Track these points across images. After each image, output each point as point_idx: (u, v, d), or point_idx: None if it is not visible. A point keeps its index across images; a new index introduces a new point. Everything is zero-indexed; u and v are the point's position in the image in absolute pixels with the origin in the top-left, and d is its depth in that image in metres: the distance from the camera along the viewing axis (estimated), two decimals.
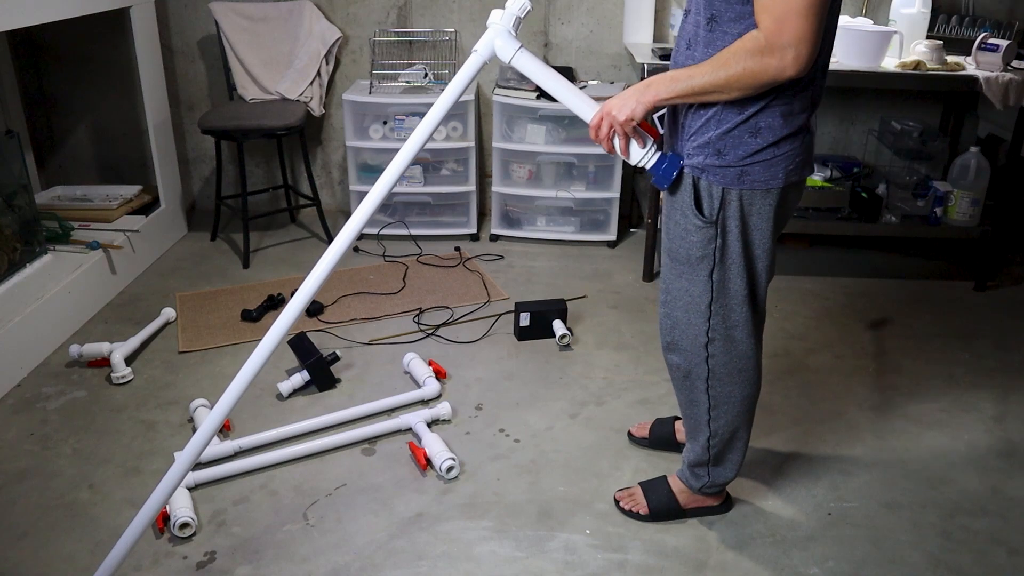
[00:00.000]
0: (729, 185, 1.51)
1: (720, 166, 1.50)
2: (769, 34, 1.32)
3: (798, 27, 1.29)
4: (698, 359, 1.69)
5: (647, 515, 1.89)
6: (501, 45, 1.54)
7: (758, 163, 1.49)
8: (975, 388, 2.47)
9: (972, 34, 3.12)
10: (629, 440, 2.18)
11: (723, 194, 1.52)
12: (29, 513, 1.91)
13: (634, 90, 1.49)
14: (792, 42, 1.30)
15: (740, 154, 1.48)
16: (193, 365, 2.54)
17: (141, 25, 3.18)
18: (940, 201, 3.09)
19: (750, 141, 1.47)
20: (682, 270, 1.62)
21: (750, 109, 1.45)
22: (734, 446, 1.80)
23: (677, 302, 1.67)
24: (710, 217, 1.54)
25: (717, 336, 1.65)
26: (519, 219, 3.53)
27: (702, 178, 1.53)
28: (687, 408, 1.79)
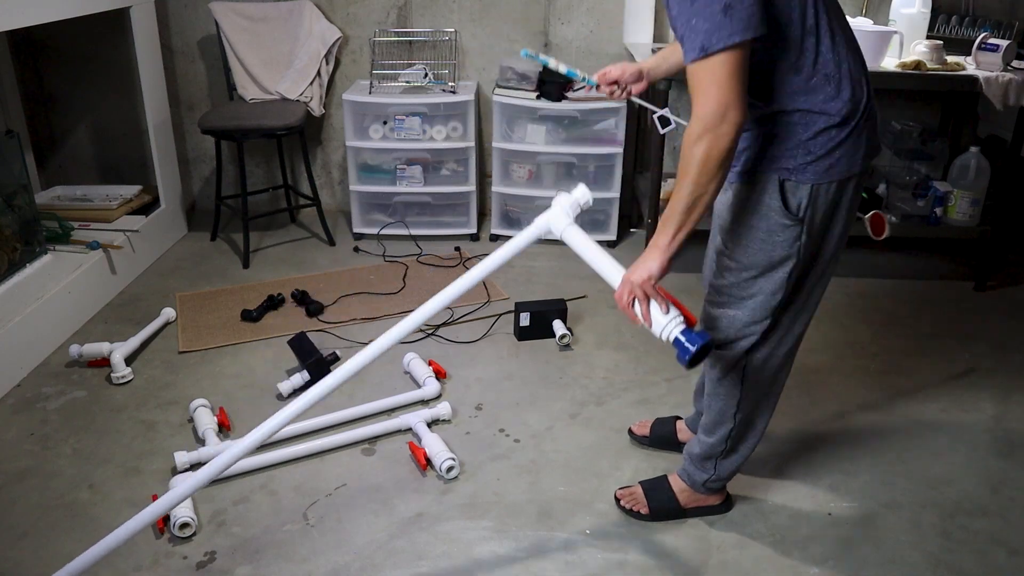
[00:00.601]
0: (819, 180, 1.49)
1: (810, 163, 1.48)
2: (697, 113, 1.37)
3: (720, 95, 1.34)
4: (742, 351, 1.67)
5: (647, 514, 1.89)
6: (557, 223, 1.79)
7: (844, 152, 1.48)
8: (975, 388, 2.47)
9: (972, 34, 3.11)
10: (630, 438, 2.18)
11: (812, 191, 1.49)
12: (29, 513, 1.91)
13: (646, 254, 1.54)
14: (718, 110, 1.34)
15: (830, 146, 1.47)
16: (193, 365, 2.54)
17: (141, 25, 3.18)
18: (940, 201, 3.09)
19: (835, 133, 1.47)
20: (756, 273, 1.58)
21: (832, 104, 1.45)
22: (748, 439, 1.81)
23: (745, 303, 1.62)
24: (798, 214, 1.51)
25: (774, 329, 1.64)
26: (519, 219, 3.53)
27: (790, 179, 1.50)
28: (715, 400, 1.77)
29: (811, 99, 1.45)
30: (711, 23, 1.30)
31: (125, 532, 1.55)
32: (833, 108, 1.45)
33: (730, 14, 1.29)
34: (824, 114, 1.46)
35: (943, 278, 3.23)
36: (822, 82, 1.45)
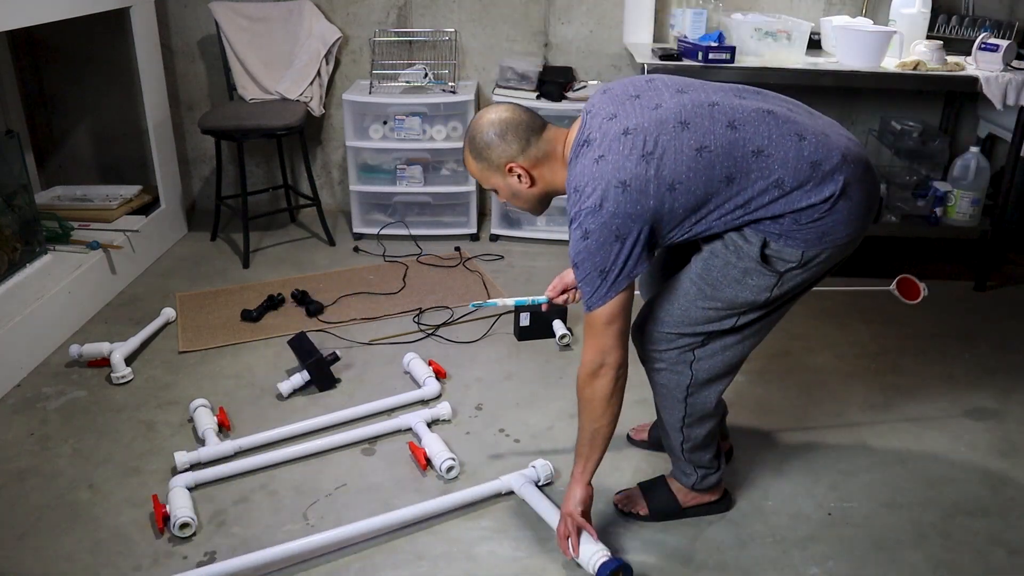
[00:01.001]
0: (808, 248, 1.51)
1: (798, 230, 1.50)
2: (584, 360, 1.56)
3: (596, 344, 1.54)
4: (681, 364, 1.68)
5: (647, 515, 1.89)
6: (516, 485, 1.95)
7: (839, 221, 1.49)
8: (975, 388, 2.47)
9: (972, 34, 3.12)
10: (628, 442, 2.18)
11: (802, 256, 1.51)
12: (29, 513, 1.91)
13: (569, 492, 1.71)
14: (597, 358, 1.54)
15: (815, 217, 1.48)
16: (193, 365, 2.54)
17: (141, 25, 3.18)
18: (940, 201, 3.09)
19: (822, 207, 1.48)
20: (716, 305, 1.59)
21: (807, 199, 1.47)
22: (707, 447, 1.81)
23: (687, 324, 1.63)
24: (779, 270, 1.54)
25: (711, 348, 1.66)
26: (519, 219, 3.53)
27: (775, 241, 1.51)
28: (662, 411, 1.79)
29: (775, 210, 1.48)
30: (591, 287, 1.50)
31: None
32: (805, 203, 1.47)
33: (605, 278, 1.48)
34: (800, 210, 1.48)
35: (943, 278, 3.23)
36: (780, 196, 1.47)
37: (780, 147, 1.47)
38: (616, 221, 1.45)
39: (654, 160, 1.45)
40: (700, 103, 1.50)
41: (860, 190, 1.51)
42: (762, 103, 1.53)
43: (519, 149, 1.61)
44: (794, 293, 1.61)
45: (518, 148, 1.61)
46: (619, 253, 1.46)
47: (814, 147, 1.48)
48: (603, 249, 1.46)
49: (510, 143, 1.61)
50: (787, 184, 1.47)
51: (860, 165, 1.52)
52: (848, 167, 1.49)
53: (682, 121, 1.48)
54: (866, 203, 1.53)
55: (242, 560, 1.69)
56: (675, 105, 1.50)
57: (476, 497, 1.92)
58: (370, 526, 1.81)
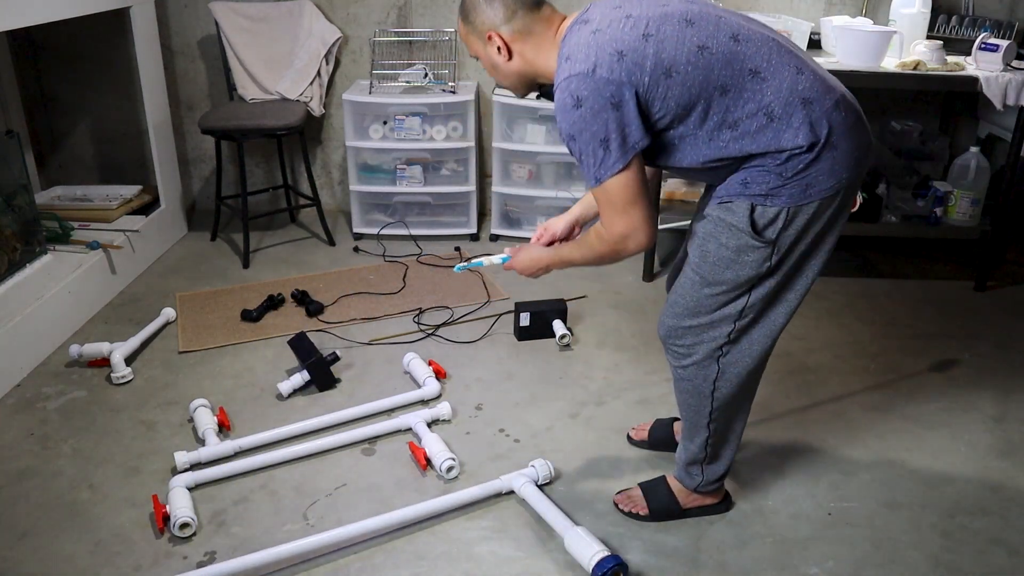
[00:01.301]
0: (795, 203, 1.48)
1: (782, 185, 1.48)
2: (606, 232, 1.53)
3: (625, 224, 1.50)
4: (709, 360, 1.67)
5: (647, 516, 1.89)
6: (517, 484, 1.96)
7: (822, 171, 1.47)
8: (975, 388, 2.47)
9: (972, 34, 3.12)
10: (629, 443, 2.18)
11: (788, 213, 1.49)
12: (29, 513, 1.91)
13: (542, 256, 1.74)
14: (625, 235, 1.51)
15: (799, 167, 1.46)
16: (193, 365, 2.54)
17: (141, 25, 3.18)
18: (940, 201, 3.09)
19: (805, 156, 1.46)
20: (723, 289, 1.58)
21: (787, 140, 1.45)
22: (729, 443, 1.82)
23: (703, 314, 1.62)
24: (770, 237, 1.51)
25: (737, 337, 1.64)
26: (519, 219, 3.53)
27: (762, 203, 1.50)
28: (687, 411, 1.77)
29: (761, 142, 1.46)
30: (595, 159, 1.44)
31: None
32: (789, 143, 1.45)
33: (607, 147, 1.43)
34: (781, 151, 1.46)
35: (943, 278, 3.23)
36: (767, 125, 1.45)
37: (777, 74, 1.45)
38: (610, 88, 1.40)
39: (654, 41, 1.42)
40: (707, 13, 1.48)
41: (848, 140, 1.48)
42: (768, 32, 1.52)
43: (503, 18, 1.56)
44: (797, 259, 1.57)
45: (503, 17, 1.56)
46: (618, 120, 1.41)
47: (810, 84, 1.46)
48: (599, 116, 1.41)
49: (496, 10, 1.56)
50: (775, 113, 1.44)
51: (852, 114, 1.50)
52: (839, 114, 1.47)
53: (687, 20, 1.45)
54: (854, 154, 1.50)
55: (242, 561, 1.69)
56: (682, 7, 1.48)
57: (476, 497, 1.92)
58: (370, 526, 1.81)
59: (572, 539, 1.75)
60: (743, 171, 1.51)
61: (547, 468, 1.99)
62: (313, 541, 1.75)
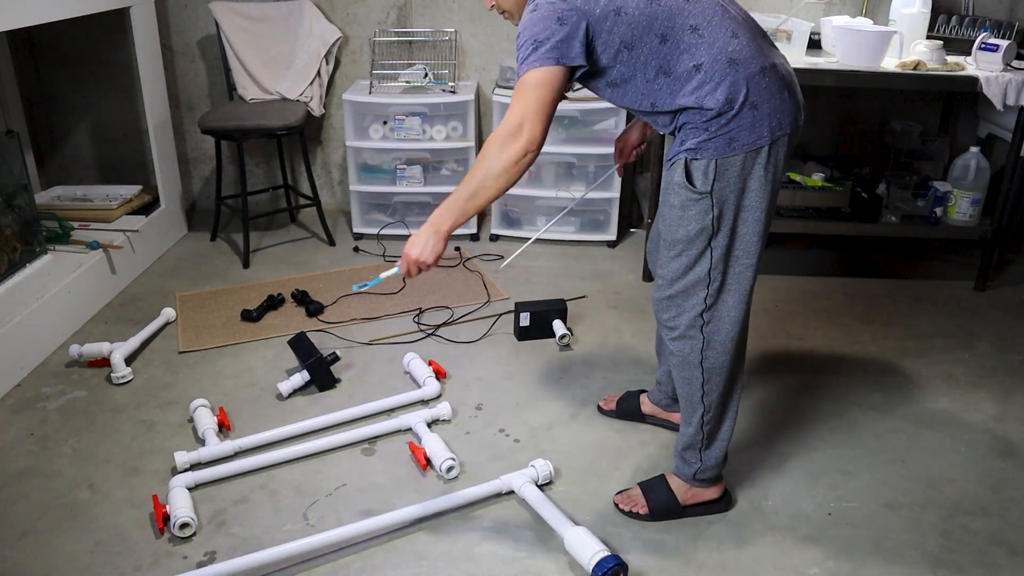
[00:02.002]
0: (721, 155, 1.60)
1: (709, 139, 1.60)
2: (504, 121, 1.59)
3: (520, 107, 1.57)
4: (694, 329, 1.74)
5: (648, 515, 1.89)
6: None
7: (743, 127, 1.58)
8: (975, 388, 2.47)
9: (972, 34, 3.11)
10: (599, 412, 2.26)
11: (716, 165, 1.61)
12: (29, 513, 1.91)
13: (426, 231, 1.68)
14: (516, 121, 1.57)
15: (723, 123, 1.59)
16: (193, 365, 2.54)
17: (141, 25, 3.18)
18: (940, 201, 3.09)
19: (728, 115, 1.58)
20: (680, 248, 1.69)
21: (710, 99, 1.58)
22: (725, 422, 1.85)
23: (677, 281, 1.72)
24: (704, 189, 1.62)
25: (712, 302, 1.72)
26: (519, 219, 3.53)
27: (693, 157, 1.62)
28: (682, 388, 1.83)
29: (689, 97, 1.60)
30: (523, 54, 1.59)
31: None
32: (712, 102, 1.58)
33: (536, 47, 1.57)
34: (705, 108, 1.59)
35: (943, 278, 3.23)
36: (694, 80, 1.59)
37: (713, 34, 1.58)
38: (564, 7, 1.57)
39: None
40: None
41: (769, 103, 1.60)
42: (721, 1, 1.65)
43: None
44: (736, 211, 1.66)
45: None
46: (555, 32, 1.56)
47: (740, 47, 1.58)
48: (543, 23, 1.57)
49: None
50: (704, 69, 1.57)
51: (777, 81, 1.61)
52: (763, 79, 1.59)
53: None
54: (775, 116, 1.61)
55: (241, 561, 1.69)
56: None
57: (476, 497, 1.92)
58: (368, 527, 1.81)
59: (572, 539, 1.75)
60: (681, 131, 1.65)
61: (547, 468, 1.99)
62: (310, 542, 1.75)
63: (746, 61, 1.58)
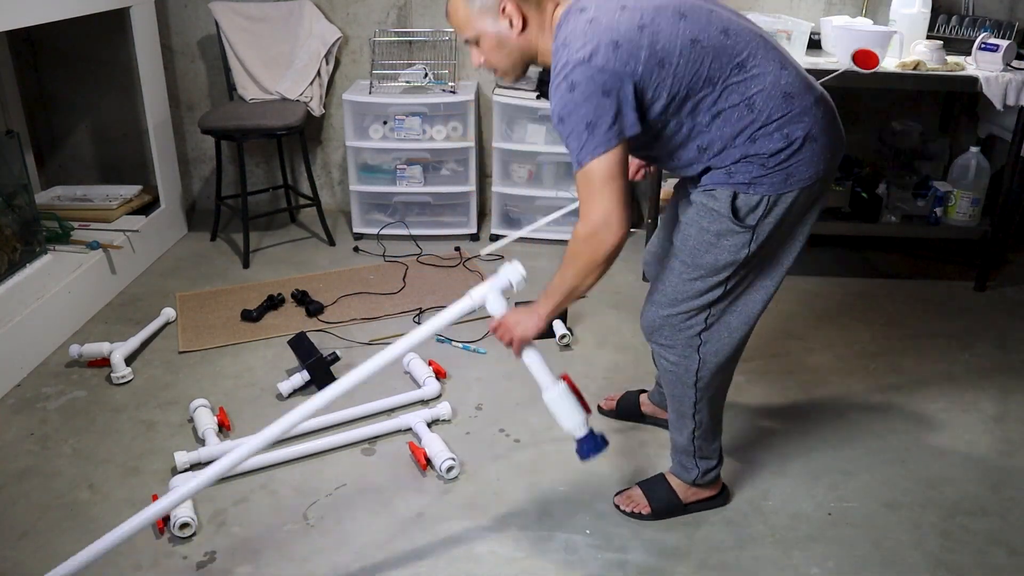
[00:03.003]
0: (777, 191, 1.54)
1: (765, 175, 1.53)
2: (583, 218, 1.51)
3: (601, 207, 1.48)
4: (689, 349, 1.71)
5: (650, 514, 1.90)
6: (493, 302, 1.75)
7: (803, 162, 1.53)
8: (975, 388, 2.47)
9: (972, 34, 3.11)
10: (599, 412, 2.25)
11: (769, 201, 1.54)
12: (29, 513, 1.91)
13: (526, 313, 1.68)
14: (602, 221, 1.48)
15: (782, 159, 1.52)
16: (193, 365, 2.54)
17: (141, 25, 3.18)
18: (940, 201, 3.09)
19: (786, 152, 1.52)
20: (701, 273, 1.64)
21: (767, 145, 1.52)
22: (715, 435, 1.86)
23: (683, 302, 1.68)
24: (750, 223, 1.57)
25: (714, 322, 1.69)
26: (519, 219, 3.53)
27: (744, 191, 1.55)
28: (672, 400, 1.82)
29: (743, 144, 1.52)
30: (579, 141, 1.46)
31: (123, 531, 1.55)
32: (770, 145, 1.51)
33: (593, 131, 1.44)
34: (762, 154, 1.52)
35: (943, 278, 3.23)
36: (746, 120, 1.50)
37: (762, 67, 1.51)
38: (604, 76, 1.43)
39: (648, 32, 1.45)
40: (699, 6, 1.53)
41: (826, 135, 1.56)
42: (754, 28, 1.58)
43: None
44: (774, 248, 1.64)
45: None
46: (607, 107, 1.44)
47: (792, 79, 1.53)
48: (589, 101, 1.44)
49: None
50: (756, 106, 1.50)
51: (829, 113, 1.58)
52: (819, 111, 1.54)
53: (681, 13, 1.49)
54: (831, 147, 1.57)
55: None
56: (675, 0, 1.51)
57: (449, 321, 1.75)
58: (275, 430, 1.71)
59: (555, 400, 1.70)
60: (725, 169, 1.56)
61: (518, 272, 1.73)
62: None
63: (800, 94, 1.52)
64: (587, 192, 1.49)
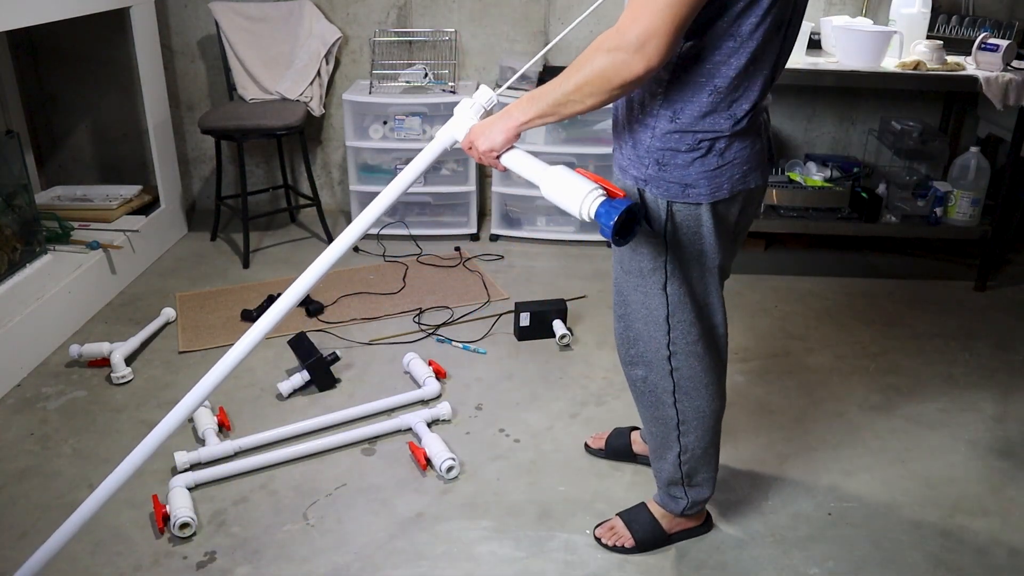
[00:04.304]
0: (673, 198, 1.45)
1: (662, 178, 1.44)
2: (620, 27, 1.27)
3: (650, 21, 1.24)
4: (662, 372, 1.63)
5: (634, 547, 1.81)
6: (460, 129, 1.55)
7: (702, 176, 1.42)
8: (975, 388, 2.47)
9: (972, 34, 3.12)
10: (586, 451, 2.13)
11: (668, 207, 1.46)
12: (29, 513, 1.91)
13: (497, 117, 1.46)
14: (641, 36, 1.24)
15: (680, 164, 1.42)
16: (193, 365, 2.54)
17: (141, 25, 3.18)
18: (940, 201, 3.09)
19: (688, 153, 1.41)
20: (636, 283, 1.57)
21: (682, 117, 1.40)
22: (706, 464, 1.74)
23: (636, 315, 1.61)
24: (658, 230, 1.48)
25: (679, 350, 1.59)
26: (519, 219, 3.53)
27: (646, 190, 1.46)
28: (653, 425, 1.72)
29: (703, 116, 1.39)
30: None
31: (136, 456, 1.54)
32: (723, 125, 1.39)
33: None
34: (703, 132, 1.40)
35: (943, 278, 3.23)
36: (725, 94, 1.38)
37: (770, 53, 1.39)
38: None
39: None
40: None
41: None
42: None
43: None
44: (704, 256, 1.52)
45: None
46: None
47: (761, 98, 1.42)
48: None
49: None
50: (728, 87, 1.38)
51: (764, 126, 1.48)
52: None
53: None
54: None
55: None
56: None
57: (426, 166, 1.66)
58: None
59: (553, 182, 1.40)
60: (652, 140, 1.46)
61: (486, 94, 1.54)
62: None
63: (771, 78, 1.43)
64: (641, 4, 1.25)
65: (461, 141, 1.54)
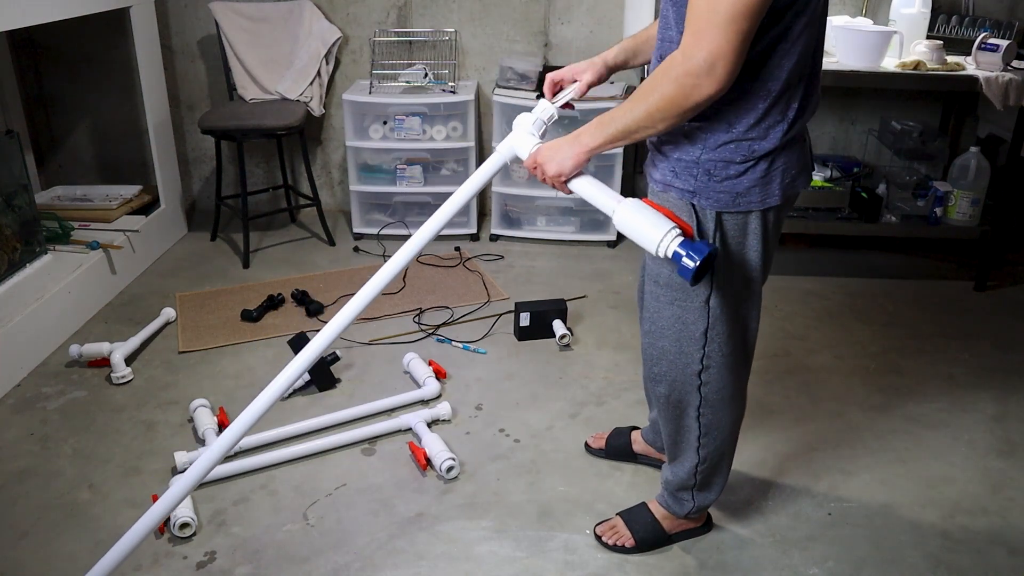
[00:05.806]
0: (724, 208, 1.43)
1: (712, 188, 1.42)
2: (685, 50, 1.26)
3: (715, 43, 1.23)
4: (690, 388, 1.60)
5: (634, 547, 1.81)
6: (522, 146, 1.56)
7: (754, 183, 1.41)
8: (975, 388, 2.47)
9: (972, 34, 3.11)
10: (586, 451, 2.14)
11: (717, 217, 1.44)
12: (29, 513, 1.91)
13: (566, 142, 1.45)
14: (708, 59, 1.24)
15: (732, 174, 1.41)
16: (193, 365, 2.54)
17: (141, 25, 3.18)
18: (940, 201, 3.09)
19: (742, 164, 1.40)
20: (673, 296, 1.53)
21: (738, 127, 1.38)
22: (720, 469, 1.74)
23: (666, 331, 1.57)
24: (706, 240, 1.46)
25: (712, 364, 1.57)
26: (519, 219, 3.53)
27: (695, 202, 1.44)
28: (674, 435, 1.70)
29: (757, 123, 1.38)
30: None
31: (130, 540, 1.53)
32: (777, 130, 1.38)
33: None
34: (758, 140, 1.39)
35: (943, 278, 3.23)
36: (778, 98, 1.37)
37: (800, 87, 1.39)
38: None
39: None
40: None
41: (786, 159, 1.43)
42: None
43: None
44: (749, 266, 1.50)
45: None
46: None
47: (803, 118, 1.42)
48: None
49: None
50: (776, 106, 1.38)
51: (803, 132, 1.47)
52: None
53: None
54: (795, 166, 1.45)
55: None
56: None
57: (486, 180, 1.64)
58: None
59: (627, 214, 1.38)
60: (704, 151, 1.44)
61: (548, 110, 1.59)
62: None
63: (814, 89, 1.43)
64: (704, 21, 1.23)
65: (525, 160, 1.52)
